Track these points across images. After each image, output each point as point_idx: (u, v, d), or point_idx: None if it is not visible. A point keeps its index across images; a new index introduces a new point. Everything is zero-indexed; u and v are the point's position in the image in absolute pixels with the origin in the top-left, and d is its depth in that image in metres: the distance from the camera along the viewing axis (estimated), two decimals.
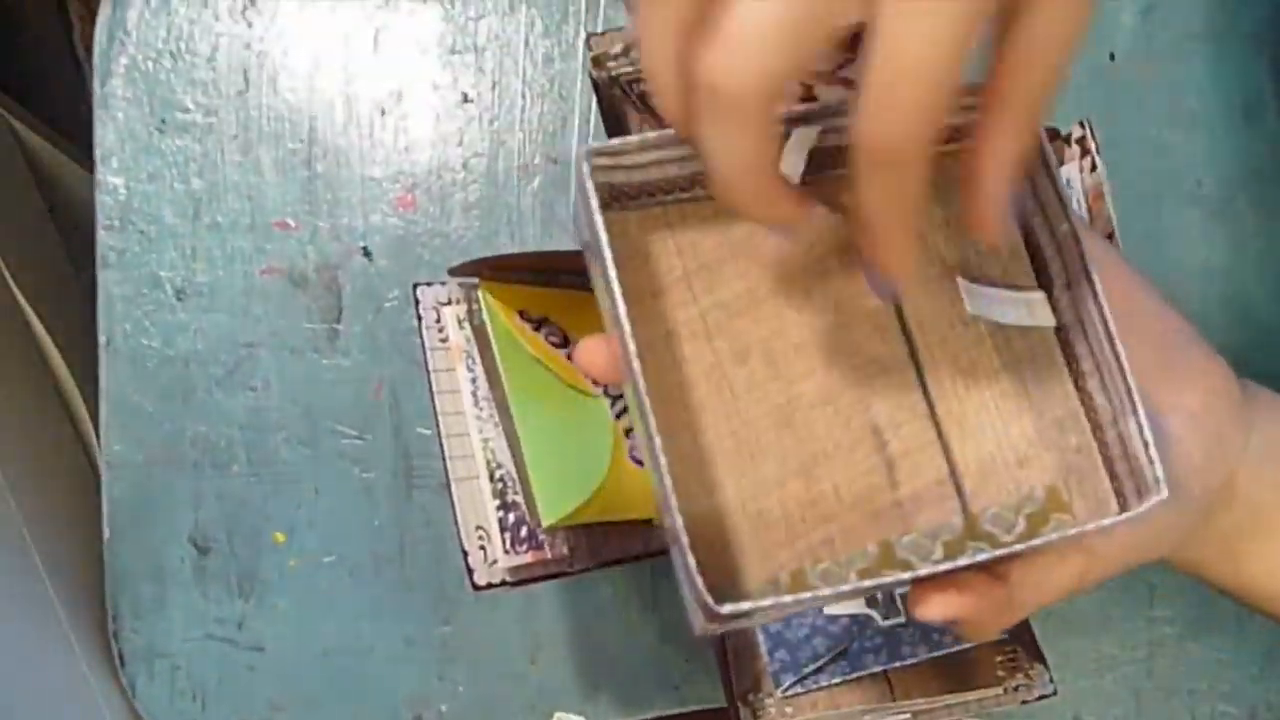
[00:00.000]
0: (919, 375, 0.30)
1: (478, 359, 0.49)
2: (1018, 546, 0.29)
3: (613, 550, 0.54)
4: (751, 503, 0.30)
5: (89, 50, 0.63)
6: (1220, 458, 0.34)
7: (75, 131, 0.79)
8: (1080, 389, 0.31)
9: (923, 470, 0.31)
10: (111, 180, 0.62)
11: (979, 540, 0.31)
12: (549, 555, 0.50)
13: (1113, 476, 0.31)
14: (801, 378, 0.30)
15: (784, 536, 0.31)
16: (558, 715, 0.62)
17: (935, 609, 0.31)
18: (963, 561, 0.29)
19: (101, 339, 0.62)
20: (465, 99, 0.62)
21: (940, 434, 0.30)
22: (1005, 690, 0.50)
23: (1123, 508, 0.31)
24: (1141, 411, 0.30)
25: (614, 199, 0.30)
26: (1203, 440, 0.34)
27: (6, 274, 0.72)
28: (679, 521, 0.27)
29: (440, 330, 0.48)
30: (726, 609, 0.27)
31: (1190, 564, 0.37)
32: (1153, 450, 0.30)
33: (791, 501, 0.30)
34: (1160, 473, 0.30)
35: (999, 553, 0.29)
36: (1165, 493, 0.29)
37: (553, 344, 0.50)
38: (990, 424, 0.31)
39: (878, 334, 0.30)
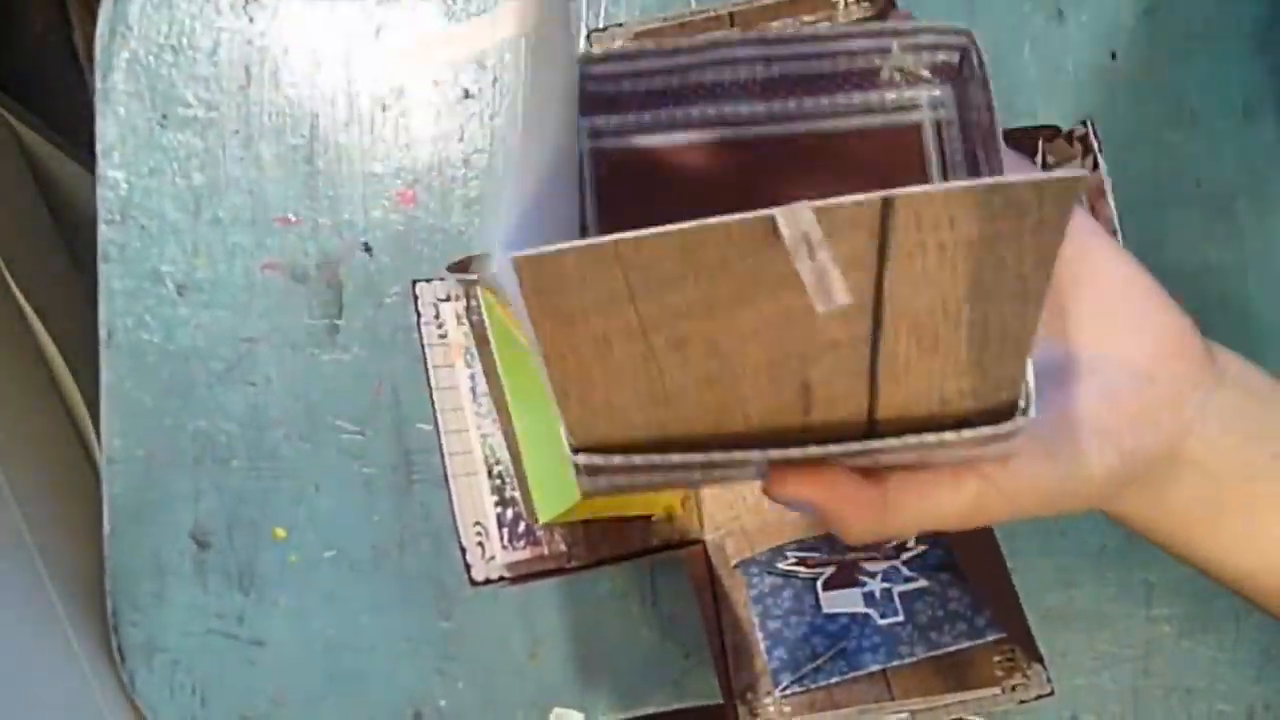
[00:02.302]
0: (873, 349, 0.29)
1: (477, 355, 0.49)
2: (874, 444, 0.30)
3: (610, 547, 0.54)
4: (657, 426, 0.30)
5: (89, 50, 0.63)
6: (1166, 414, 0.33)
7: (75, 131, 0.79)
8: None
9: (839, 407, 0.30)
10: (113, 175, 0.62)
11: (879, 439, 0.31)
12: (547, 551, 0.50)
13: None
14: (742, 359, 0.29)
15: (683, 442, 0.31)
16: (557, 710, 0.62)
17: (789, 488, 0.32)
18: (813, 450, 0.30)
19: (102, 334, 0.62)
20: (466, 95, 0.62)
21: (873, 386, 0.30)
22: (1003, 689, 0.50)
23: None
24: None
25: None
26: (1144, 392, 0.33)
27: (6, 274, 0.72)
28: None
29: (439, 326, 0.48)
30: (583, 458, 0.30)
31: (1148, 531, 0.36)
32: (1028, 370, 0.30)
33: (699, 426, 0.30)
34: (1029, 393, 0.30)
35: (850, 447, 0.30)
36: (1032, 413, 0.29)
37: None
38: (929, 381, 0.30)
39: (843, 323, 0.28)
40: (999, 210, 0.25)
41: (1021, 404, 0.30)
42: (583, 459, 0.30)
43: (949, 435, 0.30)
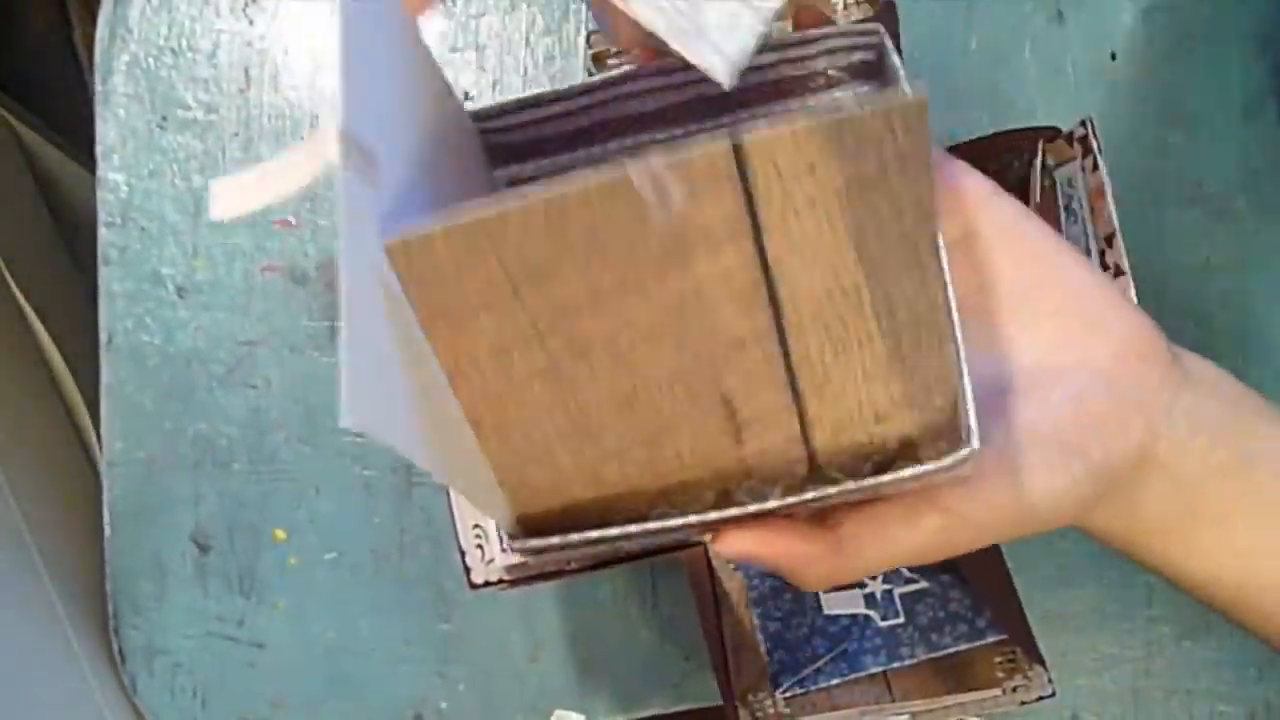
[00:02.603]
0: (782, 345, 0.28)
1: None
2: (813, 493, 0.29)
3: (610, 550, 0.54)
4: (589, 471, 0.30)
5: (89, 50, 0.63)
6: (1134, 418, 0.32)
7: (75, 131, 0.79)
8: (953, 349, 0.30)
9: (771, 430, 0.29)
10: (113, 177, 0.62)
11: (822, 486, 0.30)
12: None
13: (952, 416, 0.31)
14: (649, 364, 0.28)
15: (624, 495, 0.30)
16: (557, 713, 0.62)
17: (734, 545, 0.32)
18: (751, 508, 0.29)
19: (102, 336, 0.62)
20: (466, 97, 0.62)
21: (797, 398, 0.29)
22: (1004, 691, 0.50)
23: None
24: (959, 353, 0.29)
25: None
26: (1110, 395, 0.32)
27: (6, 274, 0.72)
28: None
29: None
30: (519, 544, 0.29)
31: (1117, 542, 0.35)
32: (968, 397, 0.29)
33: (632, 466, 0.30)
34: (971, 422, 0.29)
35: (789, 501, 0.29)
36: (975, 444, 0.29)
37: None
38: (853, 387, 0.29)
39: (742, 311, 0.27)
40: (854, 149, 0.24)
41: (967, 427, 0.29)
42: (518, 545, 0.30)
43: (887, 477, 0.29)
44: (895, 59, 0.34)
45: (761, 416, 0.29)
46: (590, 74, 0.46)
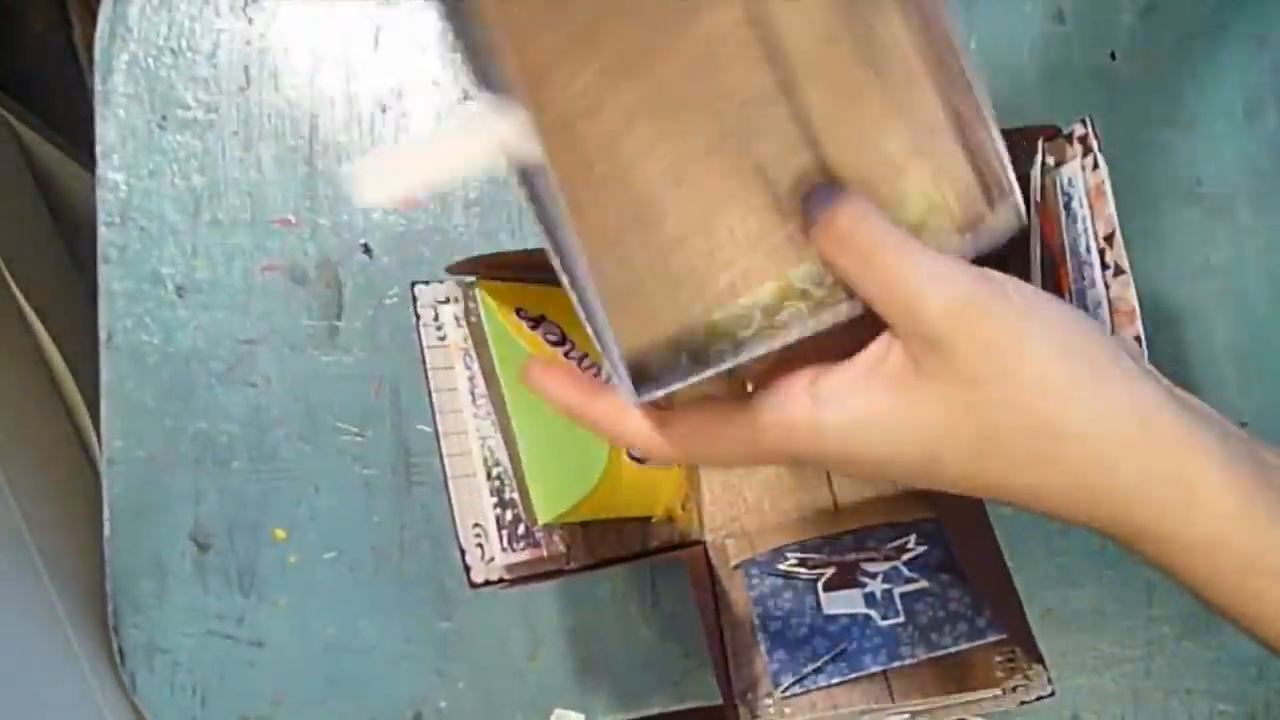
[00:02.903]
0: (793, 103, 0.30)
1: (475, 357, 0.49)
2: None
3: (610, 548, 0.54)
4: (659, 265, 0.31)
5: (89, 50, 0.63)
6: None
7: (75, 131, 0.79)
8: (943, 92, 0.31)
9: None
10: (112, 177, 0.62)
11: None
12: (546, 553, 0.50)
13: (983, 185, 0.32)
14: (686, 132, 0.30)
15: (694, 291, 0.32)
16: (557, 712, 0.62)
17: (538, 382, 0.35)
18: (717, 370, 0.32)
19: (102, 335, 0.62)
20: (466, 96, 0.62)
21: (821, 157, 0.31)
22: (1004, 691, 0.50)
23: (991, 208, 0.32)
24: (991, 123, 0.31)
25: None
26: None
27: (6, 274, 0.72)
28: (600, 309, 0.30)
29: (438, 328, 0.48)
30: (644, 395, 0.31)
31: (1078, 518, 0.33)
32: (1005, 157, 0.31)
33: (695, 256, 0.31)
34: (1010, 179, 0.31)
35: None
36: (1014, 198, 0.31)
37: (550, 342, 0.51)
38: (867, 138, 0.31)
39: (750, 68, 0.29)
40: None
41: (1000, 183, 0.31)
42: (643, 396, 0.32)
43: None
44: None
45: (796, 183, 0.31)
46: None
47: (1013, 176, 0.31)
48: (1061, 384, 0.30)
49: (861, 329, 0.32)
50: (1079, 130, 0.46)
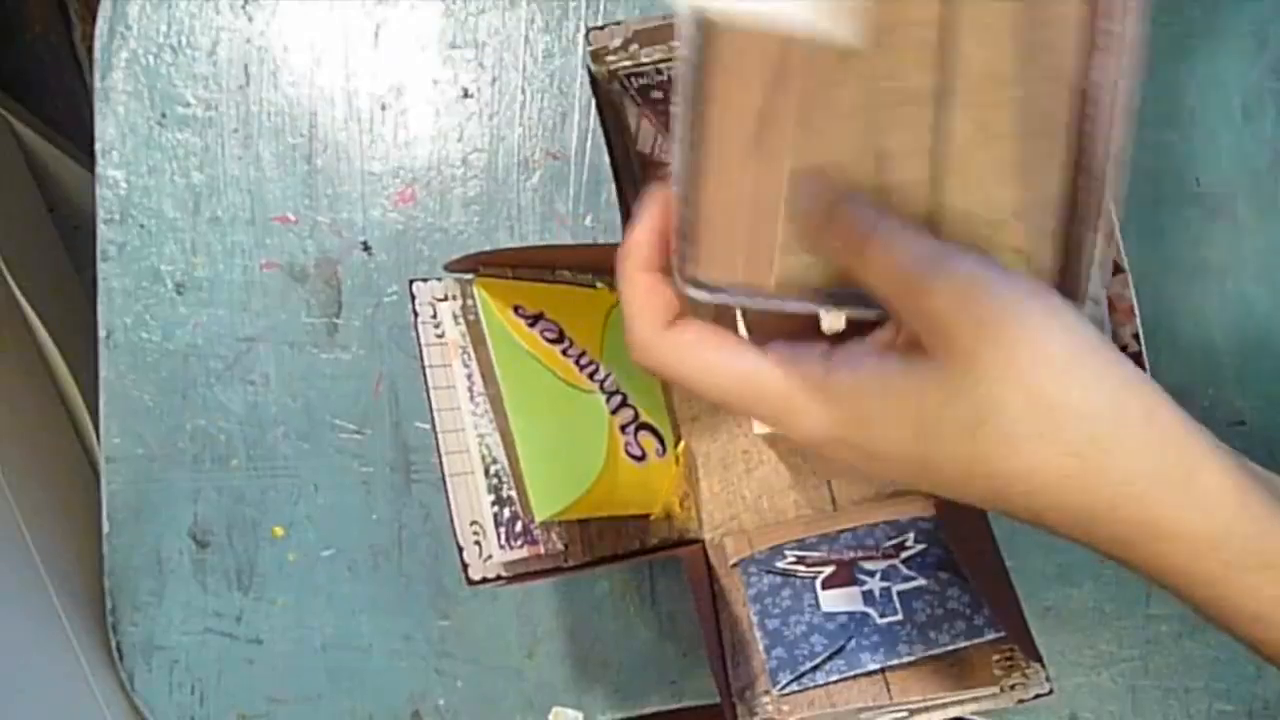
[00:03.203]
0: (939, 115, 0.31)
1: (473, 354, 0.49)
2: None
3: (607, 546, 0.54)
4: (760, 194, 0.32)
5: (89, 49, 0.63)
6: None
7: (75, 130, 0.79)
8: (1072, 179, 0.32)
9: (907, 204, 0.32)
10: (112, 174, 0.62)
11: None
12: (544, 551, 0.50)
13: (1062, 273, 0.32)
14: (835, 83, 0.31)
15: (778, 228, 0.33)
16: (555, 710, 0.62)
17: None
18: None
19: (101, 332, 0.62)
20: (465, 94, 0.62)
21: (937, 173, 0.31)
22: (1002, 689, 0.50)
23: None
24: (1108, 228, 0.31)
25: None
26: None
27: (6, 273, 0.72)
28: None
29: (436, 326, 0.48)
30: (691, 292, 0.32)
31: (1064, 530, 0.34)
32: (1093, 269, 0.31)
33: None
34: (1086, 286, 0.31)
35: None
36: (1085, 305, 0.31)
37: (548, 339, 0.51)
38: (982, 180, 0.31)
39: (918, 64, 0.30)
40: None
41: (1081, 287, 0.31)
42: (693, 291, 0.33)
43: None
44: None
45: (904, 184, 0.32)
46: (589, 71, 0.46)
47: (1096, 285, 0.32)
48: (1065, 361, 0.30)
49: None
50: None
